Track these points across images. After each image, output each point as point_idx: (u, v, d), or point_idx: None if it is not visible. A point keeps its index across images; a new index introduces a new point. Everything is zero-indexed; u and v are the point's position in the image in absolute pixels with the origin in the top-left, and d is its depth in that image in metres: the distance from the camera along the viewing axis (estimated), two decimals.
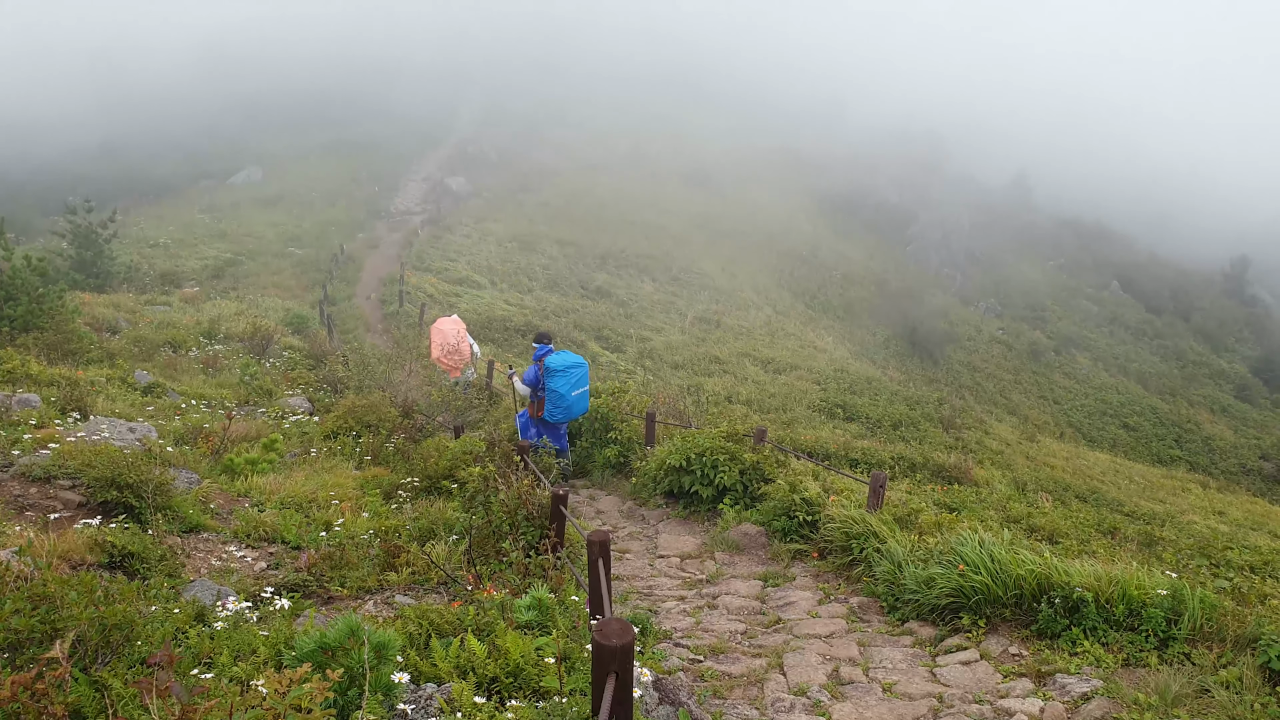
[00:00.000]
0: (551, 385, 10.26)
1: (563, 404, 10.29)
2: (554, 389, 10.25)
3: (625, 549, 8.68)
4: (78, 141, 63.01)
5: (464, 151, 64.69)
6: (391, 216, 47.51)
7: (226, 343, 18.25)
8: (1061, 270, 67.43)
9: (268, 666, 3.55)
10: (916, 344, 47.11)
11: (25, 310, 13.69)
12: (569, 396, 10.27)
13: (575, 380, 10.30)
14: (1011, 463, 23.24)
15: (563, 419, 10.53)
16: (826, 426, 22.49)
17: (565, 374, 10.24)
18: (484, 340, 22.90)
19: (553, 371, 10.25)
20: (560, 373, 10.24)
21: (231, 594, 5.04)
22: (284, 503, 7.70)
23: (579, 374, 10.37)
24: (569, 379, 10.25)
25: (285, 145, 65.47)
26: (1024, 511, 12.56)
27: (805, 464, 11.12)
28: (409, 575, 6.02)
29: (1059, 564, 6.03)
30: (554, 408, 10.33)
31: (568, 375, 10.25)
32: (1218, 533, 15.50)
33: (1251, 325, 65.53)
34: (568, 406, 10.34)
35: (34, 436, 7.48)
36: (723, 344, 32.46)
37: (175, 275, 29.85)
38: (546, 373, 10.29)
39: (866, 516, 7.60)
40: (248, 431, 10.37)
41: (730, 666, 5.67)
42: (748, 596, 7.20)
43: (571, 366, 10.32)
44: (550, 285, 36.84)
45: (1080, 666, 5.23)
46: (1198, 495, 25.40)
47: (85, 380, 10.94)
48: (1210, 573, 7.94)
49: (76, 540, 5.31)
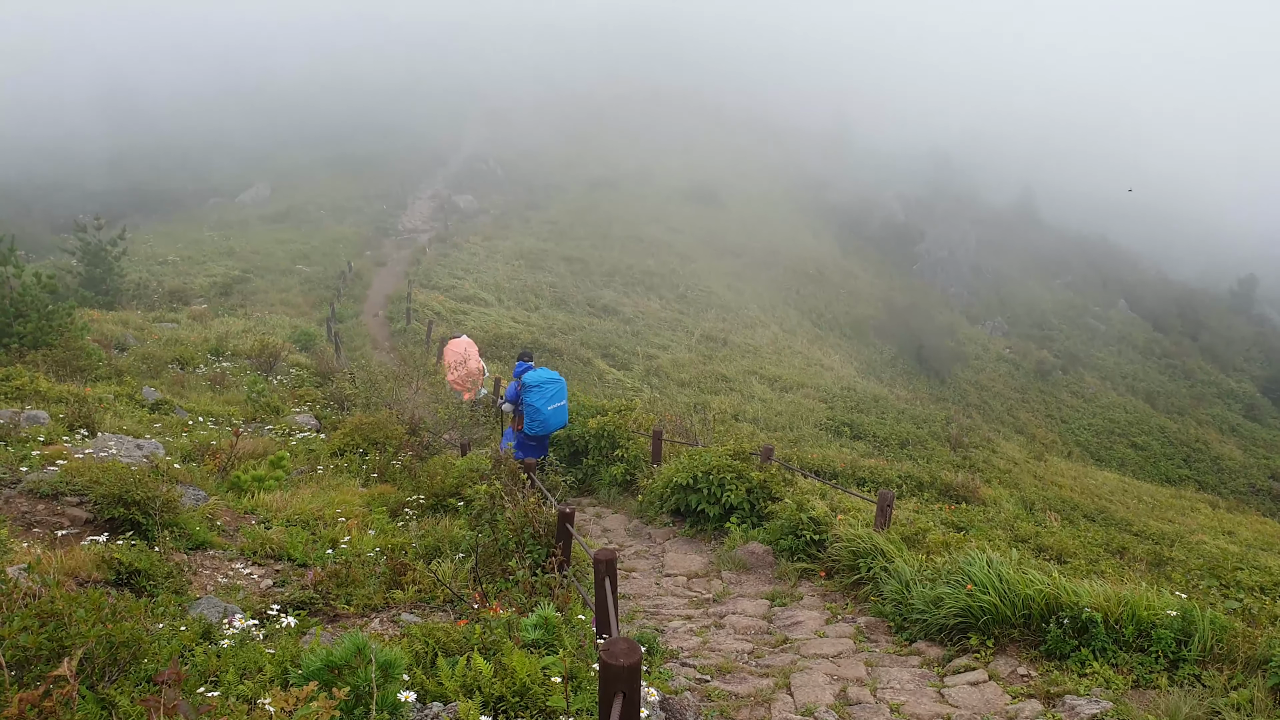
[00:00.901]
0: (528, 400, 10.87)
1: (539, 418, 10.88)
2: (530, 404, 10.86)
3: (632, 567, 8.66)
4: (87, 159, 63.47)
5: (472, 169, 65.03)
6: (399, 234, 47.72)
7: (234, 360, 18.29)
8: (1068, 288, 67.35)
9: (274, 685, 3.55)
10: (923, 362, 47.06)
11: (35, 327, 13.74)
12: (545, 411, 10.87)
13: (550, 395, 10.91)
14: (1019, 482, 23.12)
15: (540, 432, 11.04)
16: (833, 445, 22.44)
17: (540, 389, 10.86)
18: (491, 358, 22.95)
19: (529, 387, 10.87)
20: (535, 388, 10.86)
21: (238, 611, 5.04)
22: (290, 520, 7.70)
23: (554, 389, 10.97)
24: (544, 394, 10.86)
25: (294, 163, 65.83)
26: (1032, 531, 12.50)
27: (812, 482, 11.10)
28: (415, 593, 6.01)
29: (1068, 584, 5.99)
30: (531, 421, 10.93)
31: (543, 390, 10.86)
32: (1227, 553, 15.38)
33: (1259, 344, 65.32)
34: (544, 420, 10.91)
35: (42, 453, 7.50)
36: (729, 362, 32.45)
37: (183, 292, 29.96)
38: (524, 389, 10.90)
39: (874, 535, 7.57)
40: (255, 448, 10.37)
41: (737, 686, 5.64)
42: (755, 616, 7.17)
43: (546, 382, 10.93)
44: (557, 303, 36.92)
45: (1090, 688, 5.19)
46: (1207, 515, 25.24)
47: (93, 397, 10.97)
48: (1220, 593, 7.89)
49: (84, 557, 5.32)
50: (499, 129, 76.88)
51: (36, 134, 64.86)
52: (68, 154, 63.45)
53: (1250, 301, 71.84)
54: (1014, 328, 57.89)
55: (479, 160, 66.87)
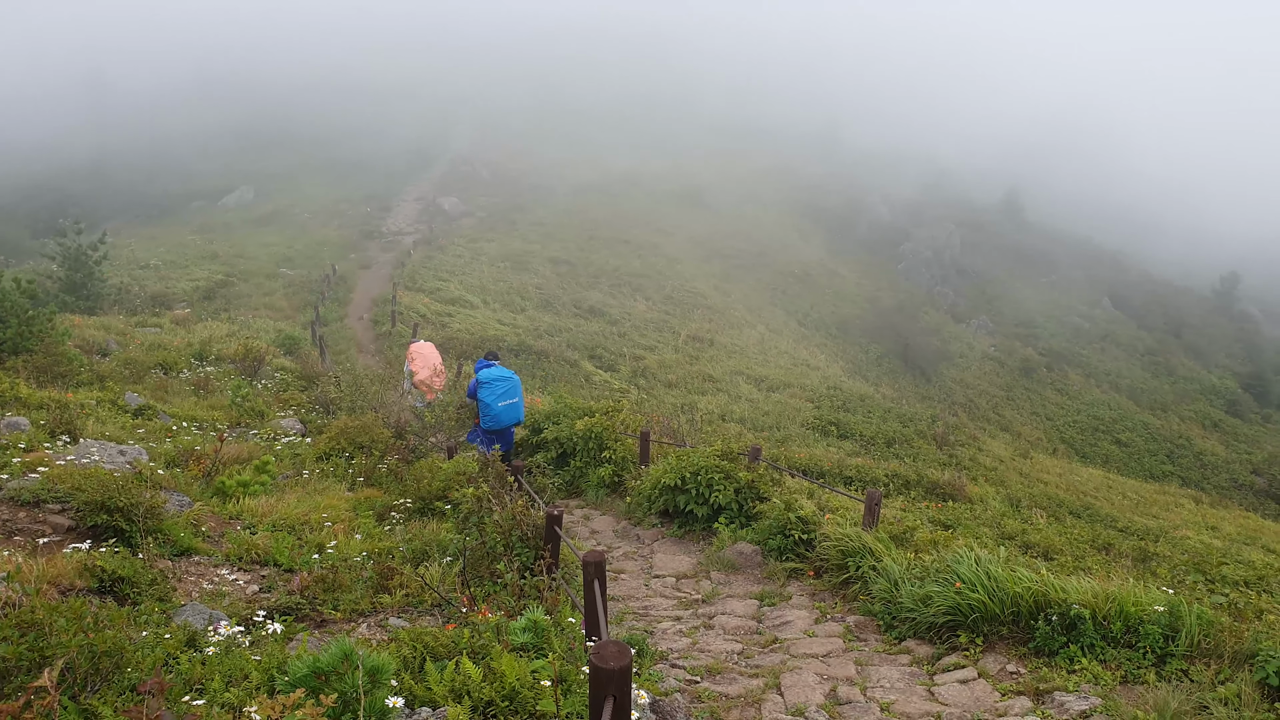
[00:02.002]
0: (481, 396, 11.50)
1: (490, 413, 11.48)
2: (482, 399, 11.49)
3: (620, 569, 8.64)
4: (69, 162, 62.96)
5: (457, 171, 64.82)
6: (384, 237, 47.51)
7: (218, 364, 18.17)
8: (1053, 287, 67.65)
9: (260, 692, 3.51)
10: (909, 361, 47.20)
11: (14, 333, 13.62)
12: (495, 406, 11.46)
13: (501, 392, 11.51)
14: (1005, 479, 23.22)
15: (494, 426, 11.57)
16: (820, 444, 22.47)
17: (491, 386, 11.49)
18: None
19: (482, 384, 11.52)
20: (487, 384, 11.50)
21: (223, 618, 4.99)
22: (276, 525, 7.65)
23: (505, 387, 11.57)
24: (494, 390, 11.47)
25: (278, 166, 65.45)
26: (1019, 528, 12.56)
27: (800, 482, 11.11)
28: (403, 598, 5.97)
29: (1055, 581, 6.02)
30: (484, 416, 11.55)
31: (493, 387, 11.48)
32: (1212, 548, 15.50)
33: (1242, 341, 65.83)
34: (496, 415, 11.49)
35: (23, 460, 7.41)
36: (716, 362, 32.46)
37: (166, 297, 29.75)
38: (479, 385, 11.54)
39: (862, 534, 7.57)
40: (239, 453, 10.31)
41: (727, 687, 5.63)
42: (744, 616, 7.16)
43: (498, 380, 11.57)
44: (543, 305, 36.84)
45: (1078, 684, 5.21)
46: (1191, 510, 25.42)
47: (75, 403, 10.87)
48: (1206, 588, 7.94)
49: (66, 565, 5.25)
50: (486, 132, 76.68)
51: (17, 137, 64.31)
52: (49, 157, 62.94)
53: (1232, 299, 72.29)
54: (999, 326, 58.13)
55: (465, 163, 66.68)
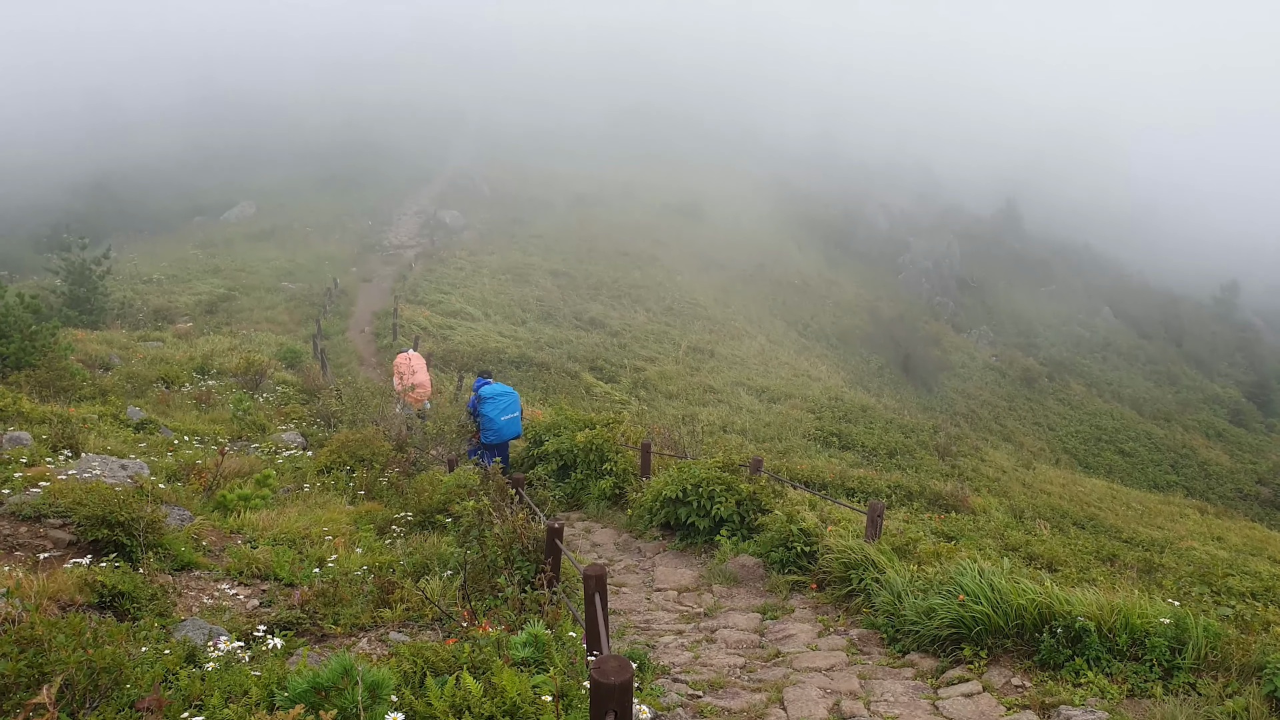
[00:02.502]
0: (483, 411, 11.87)
1: (493, 427, 11.87)
2: (485, 414, 11.87)
3: (622, 582, 8.60)
4: (71, 178, 63.08)
5: (457, 185, 64.98)
6: (385, 250, 47.62)
7: (220, 378, 18.17)
8: (1053, 297, 67.73)
9: (260, 708, 3.49)
10: (910, 371, 47.20)
11: (17, 348, 13.63)
12: (498, 421, 11.84)
13: (503, 407, 11.89)
14: (1008, 490, 23.15)
15: (495, 440, 11.98)
16: (822, 455, 22.43)
17: (494, 401, 11.86)
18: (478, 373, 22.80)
19: (484, 399, 11.89)
20: (489, 400, 11.87)
21: (223, 633, 4.97)
22: (277, 539, 7.62)
23: (506, 401, 11.96)
24: (497, 405, 11.85)
25: (279, 180, 65.62)
26: (1022, 539, 12.52)
27: (802, 494, 11.08)
28: (403, 612, 5.95)
29: (1060, 593, 5.97)
30: (486, 430, 11.94)
31: (495, 402, 11.86)
32: (1217, 559, 15.42)
33: (1243, 349, 65.81)
34: (498, 429, 11.89)
35: (24, 475, 7.40)
36: (717, 374, 32.45)
37: (168, 311, 29.78)
38: (480, 400, 11.91)
39: (864, 546, 7.54)
40: (241, 467, 10.29)
41: (730, 702, 5.59)
42: (746, 629, 7.12)
43: (499, 395, 11.95)
44: (544, 317, 36.87)
45: (1084, 698, 5.17)
46: (1195, 521, 25.31)
47: (77, 417, 10.86)
48: (1212, 600, 7.90)
49: (66, 580, 5.23)
50: (485, 146, 76.91)
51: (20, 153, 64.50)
52: (51, 174, 63.09)
53: (1233, 308, 72.35)
54: (1000, 336, 58.17)
55: (465, 177, 66.86)
